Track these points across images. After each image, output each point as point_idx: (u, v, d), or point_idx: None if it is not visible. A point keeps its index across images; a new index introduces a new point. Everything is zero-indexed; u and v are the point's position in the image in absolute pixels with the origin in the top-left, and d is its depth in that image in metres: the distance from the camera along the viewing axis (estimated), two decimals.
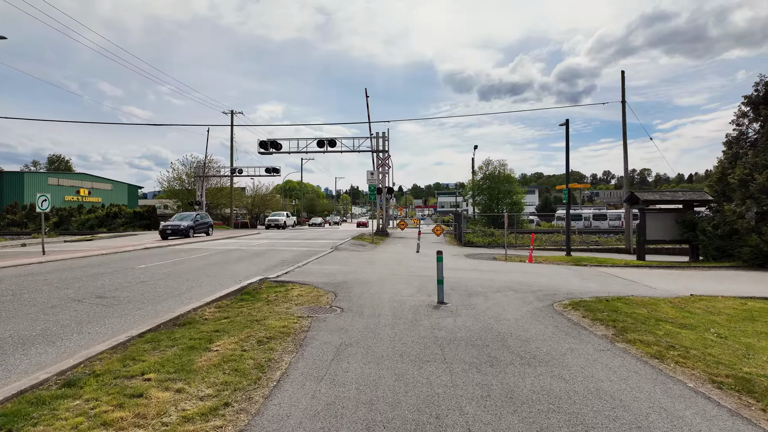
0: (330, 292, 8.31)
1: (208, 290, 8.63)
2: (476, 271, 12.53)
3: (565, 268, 14.09)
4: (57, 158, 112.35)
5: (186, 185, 52.45)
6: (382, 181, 27.39)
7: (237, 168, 45.15)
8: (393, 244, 23.19)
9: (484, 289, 8.99)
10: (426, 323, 6.02)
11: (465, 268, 13.30)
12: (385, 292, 8.42)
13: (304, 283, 9.24)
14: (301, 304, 7.20)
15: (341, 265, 12.83)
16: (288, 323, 5.83)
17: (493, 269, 13.06)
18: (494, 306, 7.33)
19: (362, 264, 13.31)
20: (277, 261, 13.92)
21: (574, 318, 6.63)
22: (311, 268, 11.97)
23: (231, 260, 14.02)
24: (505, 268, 13.33)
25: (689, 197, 17.21)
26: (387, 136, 27.68)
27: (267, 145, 28.66)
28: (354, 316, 6.40)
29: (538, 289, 9.19)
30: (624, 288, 10.09)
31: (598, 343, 5.26)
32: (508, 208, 41.38)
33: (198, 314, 6.34)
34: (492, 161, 42.27)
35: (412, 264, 13.78)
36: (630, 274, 12.85)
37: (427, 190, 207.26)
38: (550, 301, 7.90)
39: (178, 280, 9.84)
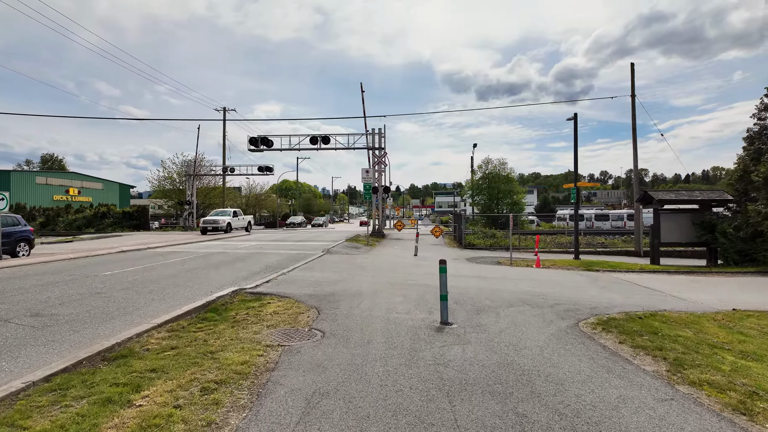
0: (312, 308, 7.02)
1: (171, 305, 7.33)
2: (481, 278, 11.26)
3: (578, 275, 12.84)
4: (50, 157, 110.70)
5: (177, 184, 51.02)
6: (378, 179, 26.09)
7: (229, 167, 43.77)
8: (389, 247, 21.90)
9: (494, 303, 7.72)
10: (428, 355, 4.74)
11: (468, 274, 12.03)
12: (378, 308, 7.13)
13: (283, 296, 7.94)
14: (274, 325, 5.90)
15: (331, 272, 11.54)
16: (250, 357, 4.54)
17: (500, 276, 11.80)
18: (509, 327, 6.06)
19: (354, 270, 12.02)
20: (260, 267, 12.60)
21: (609, 344, 5.37)
22: (296, 276, 10.67)
23: (210, 266, 12.70)
24: (512, 275, 12.07)
25: (707, 197, 16.01)
26: (383, 133, 26.37)
27: (257, 142, 27.28)
28: (337, 344, 5.11)
29: (556, 303, 7.93)
30: (650, 299, 8.85)
31: (655, 387, 4.00)
32: (508, 208, 40.18)
33: (141, 342, 5.04)
34: (491, 160, 41.11)
35: (410, 270, 12.51)
36: (650, 282, 11.62)
37: (425, 190, 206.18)
38: (574, 319, 6.64)
39: (140, 292, 8.52)
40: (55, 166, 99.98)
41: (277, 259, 14.42)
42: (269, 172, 40.89)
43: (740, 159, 15.65)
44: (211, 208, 55.83)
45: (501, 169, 40.42)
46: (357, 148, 26.96)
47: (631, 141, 20.54)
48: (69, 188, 64.35)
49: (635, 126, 20.44)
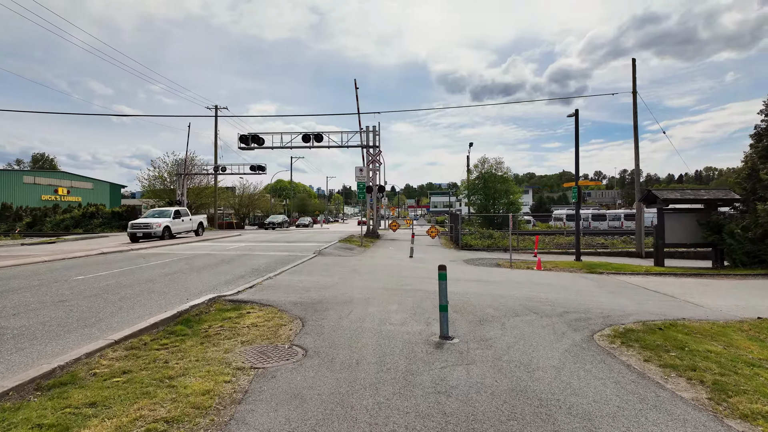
0: (296, 319, 6.28)
1: (140, 315, 6.57)
2: (481, 282, 10.57)
3: (581, 278, 12.20)
4: (41, 157, 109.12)
5: (168, 184, 49.96)
6: (372, 178, 25.35)
7: (221, 166, 42.79)
8: (384, 248, 21.18)
9: (498, 312, 7.02)
10: (426, 380, 4.02)
11: (467, 278, 11.33)
12: (370, 318, 6.41)
13: (266, 304, 7.20)
14: (250, 341, 5.16)
15: (321, 276, 10.80)
16: (215, 384, 3.80)
17: (500, 280, 11.12)
18: (518, 341, 5.36)
19: (346, 274, 11.28)
20: (246, 270, 11.84)
21: (633, 363, 4.69)
22: (283, 280, 9.92)
23: (192, 269, 11.92)
24: (513, 278, 11.39)
25: (714, 196, 15.44)
26: (378, 131, 25.63)
27: (248, 140, 26.43)
28: (320, 365, 4.39)
29: (564, 310, 7.25)
30: (664, 306, 8.20)
31: (701, 422, 3.31)
32: (504, 208, 39.63)
33: (89, 364, 4.29)
34: (488, 159, 40.52)
35: (406, 273, 11.80)
36: (659, 285, 10.99)
37: (420, 190, 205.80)
38: (588, 331, 5.96)
39: (108, 300, 7.74)
40: (47, 165, 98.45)
41: (266, 262, 13.65)
42: (261, 171, 39.97)
43: (748, 157, 15.08)
44: (203, 208, 54.87)
45: (497, 168, 39.89)
46: (351, 146, 26.18)
47: (633, 139, 19.98)
48: (58, 188, 63.13)
49: (637, 124, 19.86)
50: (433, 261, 15.47)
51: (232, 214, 60.03)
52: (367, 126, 25.80)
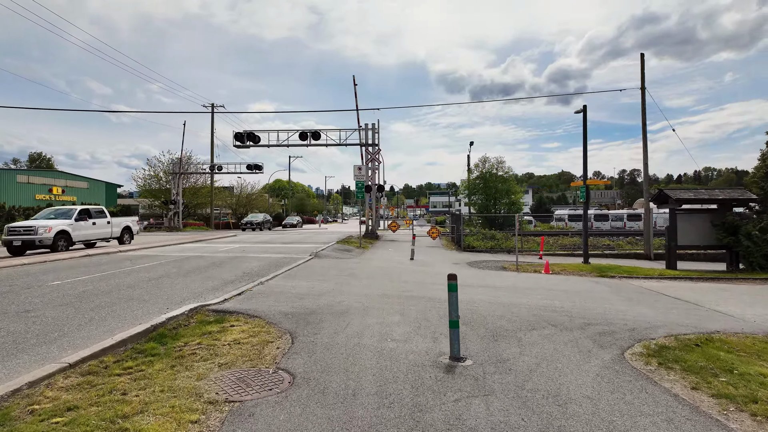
0: (285, 334, 5.55)
1: (111, 327, 5.85)
2: (488, 287, 9.85)
3: (593, 282, 11.49)
4: (38, 156, 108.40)
5: (164, 183, 49.18)
6: (371, 177, 24.61)
7: (217, 165, 42.07)
8: (383, 249, 20.46)
9: (512, 324, 6.30)
10: (438, 418, 3.30)
11: (473, 283, 10.61)
12: (369, 333, 5.68)
13: (253, 315, 6.47)
14: (229, 363, 4.43)
15: (316, 281, 10.07)
16: (178, 426, 3.07)
17: (509, 285, 10.40)
18: (540, 363, 4.64)
19: (343, 279, 10.55)
20: (236, 274, 11.10)
21: (680, 391, 3.97)
22: (275, 286, 9.19)
23: (180, 273, 11.18)
24: (522, 283, 10.68)
25: (729, 195, 14.74)
26: (377, 129, 24.91)
27: (243, 138, 25.68)
28: (309, 398, 3.66)
29: (585, 322, 6.54)
30: (691, 316, 7.49)
31: None
32: (505, 208, 38.92)
33: (32, 396, 3.55)
34: (489, 158, 39.76)
35: (407, 278, 11.07)
36: (677, 291, 10.28)
37: (419, 190, 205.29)
38: (616, 348, 5.25)
39: (80, 309, 7.00)
40: (43, 164, 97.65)
41: (258, 265, 12.92)
42: (258, 170, 39.30)
43: (765, 154, 14.39)
44: (198, 208, 54.13)
45: (499, 167, 39.13)
46: (349, 144, 25.43)
47: (641, 137, 19.28)
48: (52, 187, 62.23)
49: (645, 121, 19.16)
50: (435, 263, 14.76)
51: (230, 214, 59.25)
52: (366, 123, 25.12)
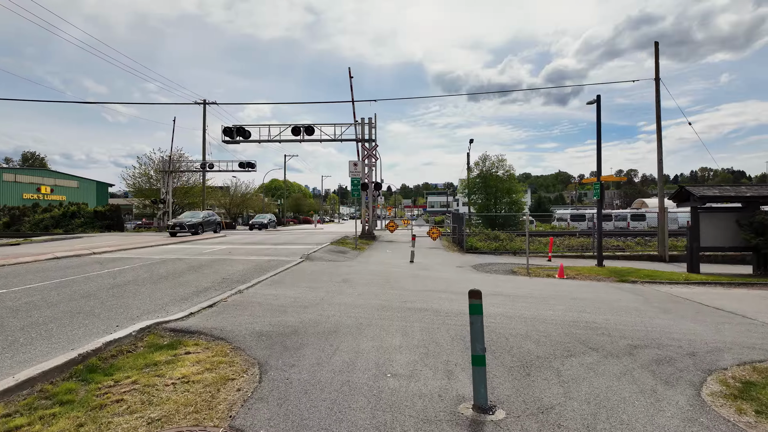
0: (254, 366, 4.26)
1: (35, 354, 4.56)
2: (502, 296, 8.59)
3: (616, 289, 10.25)
4: (31, 155, 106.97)
5: (154, 182, 47.69)
6: (368, 174, 23.31)
7: (208, 162, 40.60)
8: (380, 251, 19.18)
9: (542, 348, 5.04)
10: None
11: (483, 290, 9.32)
12: (363, 365, 4.40)
13: (218, 337, 5.17)
14: (163, 419, 3.13)
15: (304, 288, 8.78)
16: None
17: (524, 293, 9.14)
18: (597, 412, 3.38)
19: (335, 286, 9.26)
20: (214, 280, 9.79)
21: None
22: (255, 295, 7.90)
23: (150, 279, 9.86)
24: (538, 291, 9.42)
25: (758, 193, 13.54)
26: (374, 123, 23.61)
27: (233, 132, 24.32)
28: None
29: (630, 343, 5.29)
30: (753, 334, 6.24)
31: None
32: (506, 208, 37.74)
33: None
34: (489, 156, 38.53)
35: (407, 284, 9.79)
36: (713, 299, 9.05)
37: (416, 189, 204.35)
38: (687, 385, 3.99)
39: (8, 327, 5.69)
40: (37, 164, 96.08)
41: (242, 269, 11.62)
42: (251, 168, 37.88)
43: None
44: (189, 208, 52.66)
45: (499, 166, 37.92)
46: (345, 139, 24.14)
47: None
48: (40, 186, 60.64)
49: (660, 113, 17.99)
50: (438, 267, 13.50)
51: (223, 213, 57.82)
52: (362, 118, 23.84)
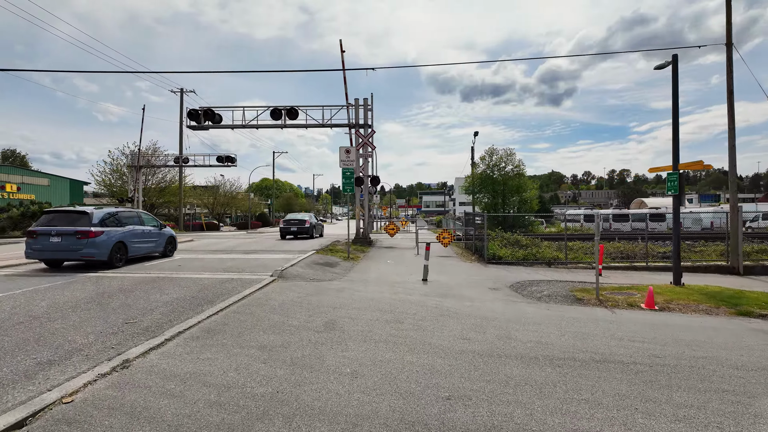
0: None
1: None
2: (613, 371, 4.70)
3: (759, 334, 6.42)
4: (11, 153, 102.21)
5: (126, 180, 43.26)
6: (363, 167, 19.39)
7: (184, 157, 36.32)
8: (380, 261, 15.23)
9: None
10: None
11: (569, 354, 5.40)
12: None
13: None
14: None
15: (252, 353, 4.81)
16: None
17: (630, 354, 5.23)
18: None
19: (309, 346, 5.29)
20: (109, 325, 5.78)
21: None
22: (140, 382, 3.92)
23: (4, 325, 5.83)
24: (648, 345, 5.53)
25: None
26: (370, 105, 19.71)
27: (200, 117, 20.15)
28: None
29: None
30: None
31: None
32: (515, 207, 34.00)
33: None
34: (497, 150, 34.72)
35: (437, 335, 5.86)
36: None
37: (410, 189, 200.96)
38: None
39: None
40: (17, 162, 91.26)
41: (176, 297, 7.61)
42: (231, 163, 33.77)
43: None
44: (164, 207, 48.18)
45: (508, 160, 34.12)
46: (335, 125, 20.20)
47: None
48: (5, 184, 55.72)
49: (732, 85, 14.29)
50: (465, 290, 9.58)
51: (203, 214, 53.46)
52: (356, 99, 19.87)
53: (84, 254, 11.09)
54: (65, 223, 11.27)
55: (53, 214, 11.82)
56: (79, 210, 11.89)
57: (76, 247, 11.00)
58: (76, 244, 10.98)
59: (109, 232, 11.61)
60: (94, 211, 11.82)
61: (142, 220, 13.54)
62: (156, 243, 13.79)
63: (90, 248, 11.06)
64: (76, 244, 10.98)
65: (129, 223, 12.68)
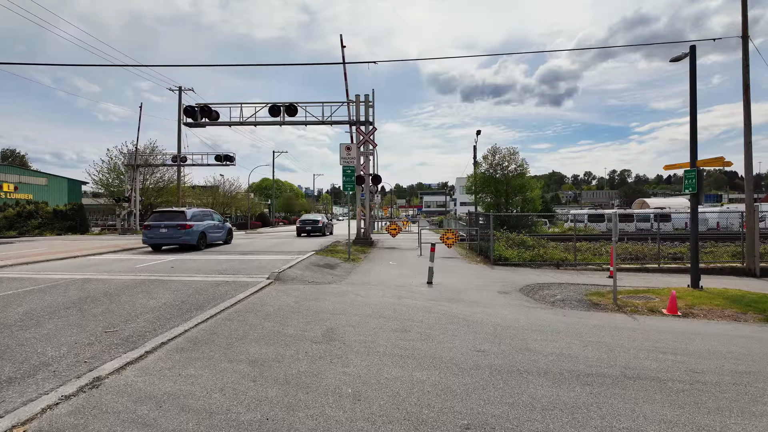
0: None
1: None
2: (643, 382, 4.16)
3: None
4: (11, 153, 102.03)
5: (125, 178, 42.75)
6: (364, 165, 18.86)
7: (182, 155, 35.77)
8: (382, 263, 14.69)
9: None
10: None
11: (590, 368, 4.86)
12: None
13: None
14: None
15: (241, 369, 4.28)
16: None
17: (667, 368, 4.70)
18: None
19: (305, 361, 4.76)
20: (87, 335, 5.25)
21: None
22: (108, 407, 3.39)
23: None
24: (684, 358, 4.99)
25: None
26: (372, 101, 19.17)
27: (196, 113, 19.61)
28: None
29: None
30: None
31: None
32: (518, 207, 33.45)
33: None
34: (500, 149, 34.16)
35: (446, 347, 5.32)
36: None
37: (410, 190, 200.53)
38: None
39: None
40: (17, 162, 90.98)
41: (164, 302, 7.08)
42: (230, 162, 33.27)
43: None
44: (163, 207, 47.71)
45: (511, 159, 33.55)
46: (336, 122, 19.67)
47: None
48: (2, 184, 55.25)
49: (748, 79, 13.73)
50: (473, 293, 9.04)
51: None
52: (357, 95, 19.34)
53: (181, 240, 15.66)
54: (169, 219, 15.91)
55: (159, 213, 16.70)
56: (177, 210, 16.76)
57: (177, 236, 15.61)
58: (177, 233, 15.59)
59: (197, 225, 16.21)
60: (187, 210, 16.63)
61: (213, 217, 18.30)
62: (222, 233, 18.61)
63: (186, 236, 15.66)
64: (177, 233, 15.58)
65: (207, 219, 17.46)
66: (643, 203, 77.43)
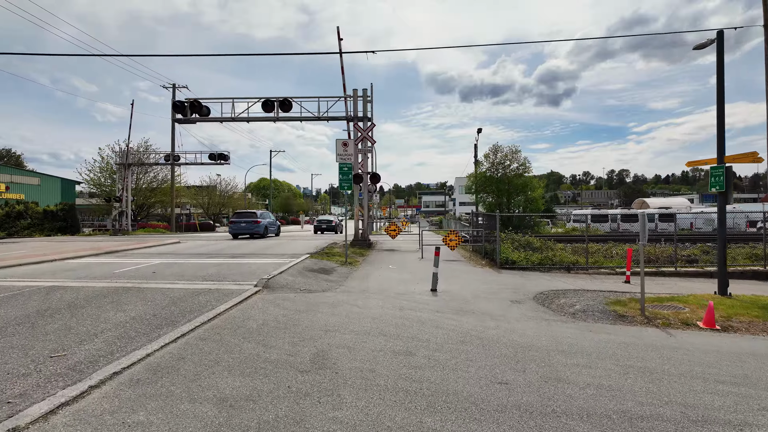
0: None
1: None
2: (714, 427, 3.29)
3: None
4: (6, 153, 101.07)
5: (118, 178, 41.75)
6: (362, 163, 17.97)
7: (174, 154, 34.80)
8: (381, 267, 13.80)
9: None
10: None
11: (644, 400, 3.99)
12: None
13: None
14: None
15: (210, 405, 3.39)
16: None
17: None
18: None
19: (289, 398, 3.88)
20: (39, 356, 4.35)
21: None
22: None
23: None
24: (765, 392, 4.13)
25: None
26: (370, 97, 18.30)
27: (186, 109, 18.70)
28: None
29: None
30: None
31: None
32: (520, 207, 32.61)
33: None
34: (501, 147, 33.32)
35: (462, 377, 4.45)
36: None
37: (408, 190, 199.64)
38: None
39: None
40: (12, 162, 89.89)
41: (134, 315, 6.18)
42: (224, 161, 32.30)
43: None
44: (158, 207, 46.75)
45: (513, 158, 32.72)
46: (332, 117, 18.80)
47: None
48: None
49: None
50: (483, 303, 8.15)
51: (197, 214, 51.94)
52: (354, 89, 18.45)
53: (254, 231, 23.45)
54: (245, 217, 24.28)
55: (238, 214, 25.27)
56: (251, 211, 25.99)
57: (252, 228, 23.56)
58: (252, 226, 23.55)
59: (263, 222, 24.13)
60: (257, 212, 25.31)
61: (271, 217, 26.95)
62: (275, 229, 26.61)
63: (257, 228, 23.59)
64: (252, 226, 23.54)
65: (267, 218, 25.64)
66: (642, 203, 76.73)
